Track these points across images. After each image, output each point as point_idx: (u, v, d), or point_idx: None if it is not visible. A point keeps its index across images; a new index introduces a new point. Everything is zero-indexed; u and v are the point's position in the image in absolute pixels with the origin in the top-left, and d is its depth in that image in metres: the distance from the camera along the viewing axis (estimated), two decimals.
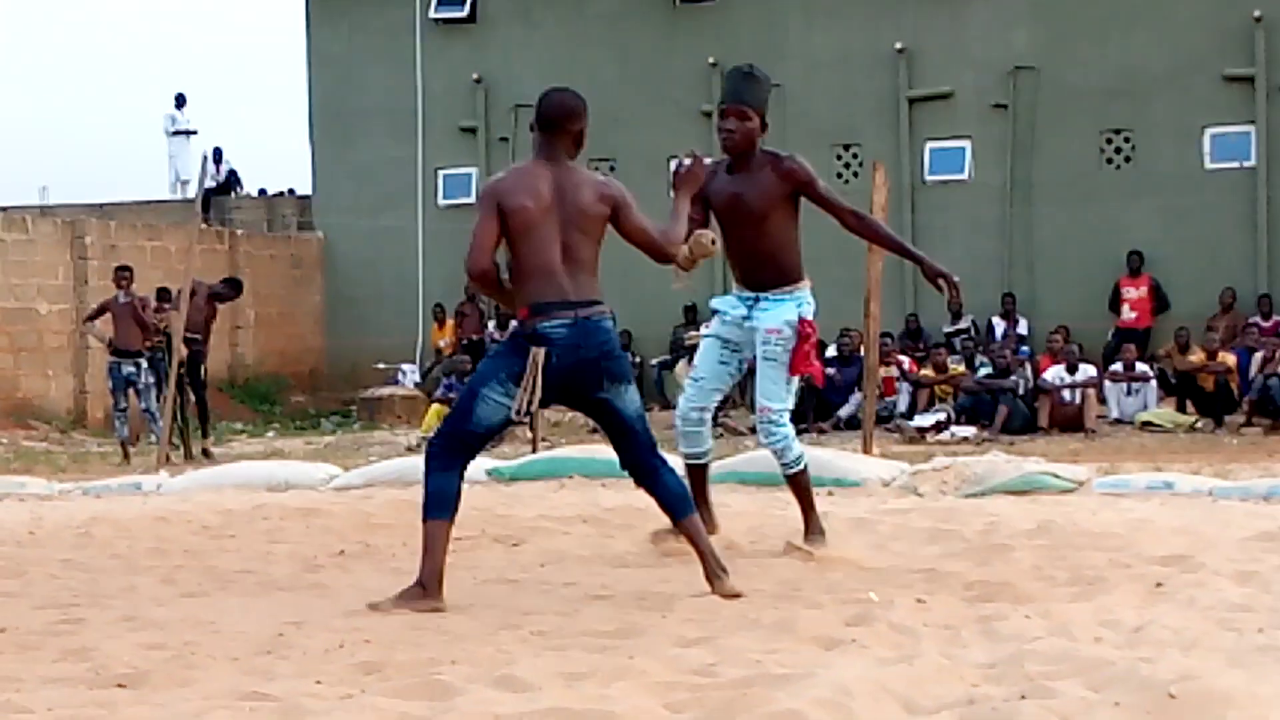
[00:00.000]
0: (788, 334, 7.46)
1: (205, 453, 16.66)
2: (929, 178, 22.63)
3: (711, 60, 23.28)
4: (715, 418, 19.50)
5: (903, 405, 19.09)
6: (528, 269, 6.39)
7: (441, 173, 25.07)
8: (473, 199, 24.69)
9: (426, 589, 6.20)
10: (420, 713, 4.26)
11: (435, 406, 18.74)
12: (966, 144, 22.53)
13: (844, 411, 18.94)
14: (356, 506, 9.82)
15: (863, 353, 15.39)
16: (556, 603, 6.26)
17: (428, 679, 4.68)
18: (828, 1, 23.10)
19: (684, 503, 6.51)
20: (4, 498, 11.64)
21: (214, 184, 26.88)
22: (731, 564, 7.21)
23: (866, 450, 12.75)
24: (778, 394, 7.56)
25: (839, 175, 22.80)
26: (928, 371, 19.39)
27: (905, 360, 19.78)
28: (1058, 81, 21.89)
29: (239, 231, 25.21)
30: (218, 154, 27.42)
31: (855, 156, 22.73)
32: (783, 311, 7.51)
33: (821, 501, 9.44)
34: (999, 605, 5.84)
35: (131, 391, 16.66)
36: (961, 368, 19.44)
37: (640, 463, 6.55)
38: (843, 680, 4.32)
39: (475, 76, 24.63)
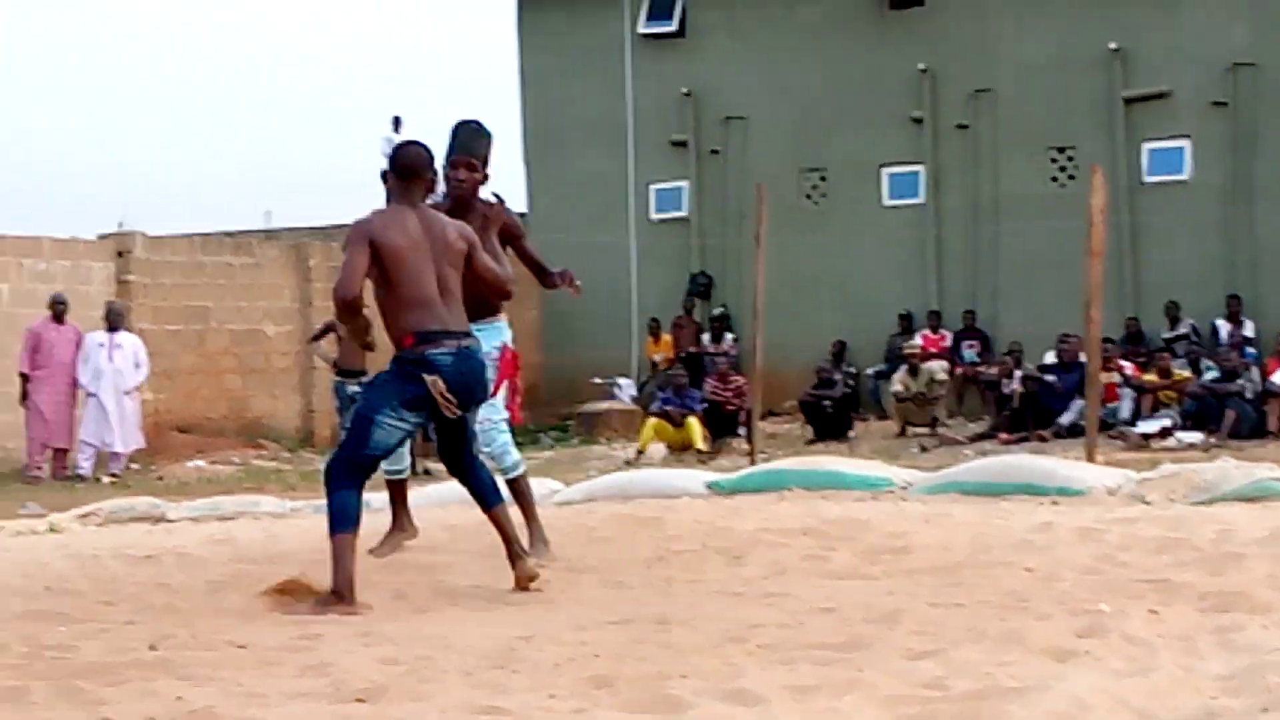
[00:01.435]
0: (494, 357, 8.07)
1: (426, 471, 16.91)
2: (1147, 179, 22.21)
3: (922, 66, 23.12)
4: (934, 427, 19.41)
5: (1125, 411, 18.73)
6: (406, 300, 6.95)
7: (653, 187, 25.21)
8: (685, 212, 24.87)
9: (343, 596, 6.76)
10: None
11: (652, 420, 18.84)
12: (1185, 143, 22.08)
13: (1065, 419, 18.64)
14: (579, 521, 9.89)
15: (1083, 358, 15.16)
16: (781, 615, 6.25)
17: (658, 692, 4.71)
18: (1039, 3, 22.80)
19: (495, 494, 7.32)
20: (240, 516, 11.94)
21: (432, 202, 27.29)
22: (955, 575, 7.18)
23: (1090, 458, 12.53)
24: (495, 408, 8.13)
25: (1054, 179, 22.50)
26: (1151, 376, 19.02)
27: (1127, 366, 19.42)
28: (1279, 77, 21.36)
29: None
30: (435, 174, 27.86)
31: (1070, 159, 22.39)
32: (489, 338, 7.97)
33: (1046, 511, 9.36)
34: (1235, 615, 5.72)
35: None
36: (1186, 372, 19.04)
37: (462, 458, 7.27)
38: (1077, 692, 4.26)
39: (685, 90, 24.73)
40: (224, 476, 17.73)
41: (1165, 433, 17.57)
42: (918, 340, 21.88)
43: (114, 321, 18.58)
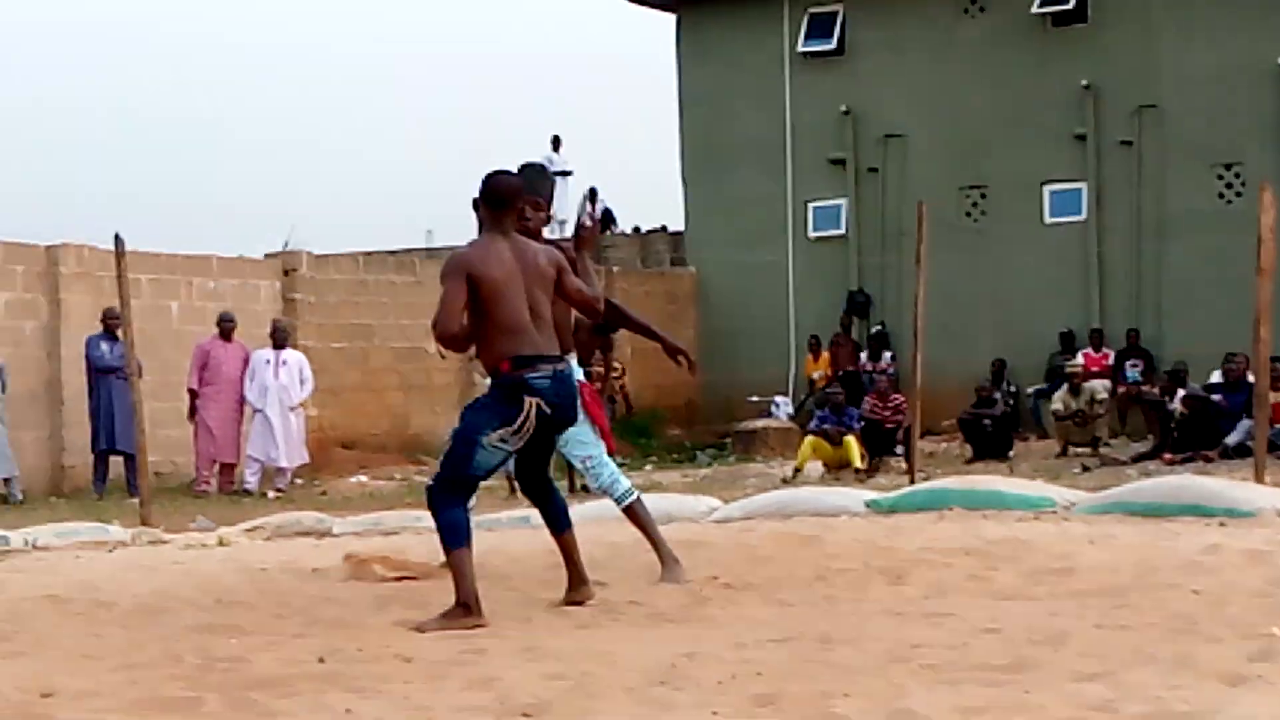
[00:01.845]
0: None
1: (584, 488, 16.94)
2: None
3: (1084, 83, 22.90)
4: (1096, 446, 19.13)
5: None
6: (502, 327, 7.16)
7: (811, 205, 25.19)
8: (843, 230, 24.80)
9: (469, 608, 6.95)
10: None
11: (810, 438, 18.77)
12: None
13: (1232, 439, 18.25)
14: (739, 539, 9.90)
15: (1251, 378, 14.87)
16: (944, 635, 6.21)
17: (823, 711, 4.71)
18: (1204, 18, 22.47)
19: (566, 519, 7.62)
20: (403, 531, 12.09)
21: (590, 223, 27.48)
22: (1122, 596, 7.10)
23: (1259, 479, 12.28)
24: (586, 445, 8.32)
25: (1220, 195, 22.15)
26: None
27: None
28: None
29: (614, 268, 25.72)
30: (593, 193, 28.00)
31: (1238, 176, 22.02)
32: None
33: (1213, 533, 9.20)
34: None
35: None
36: None
37: (542, 480, 7.65)
38: (1251, 717, 4.20)
39: (844, 108, 24.69)
40: (386, 492, 17.96)
41: None
42: (1080, 359, 21.62)
43: (280, 339, 18.90)
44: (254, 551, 11.05)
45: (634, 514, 8.34)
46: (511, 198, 7.35)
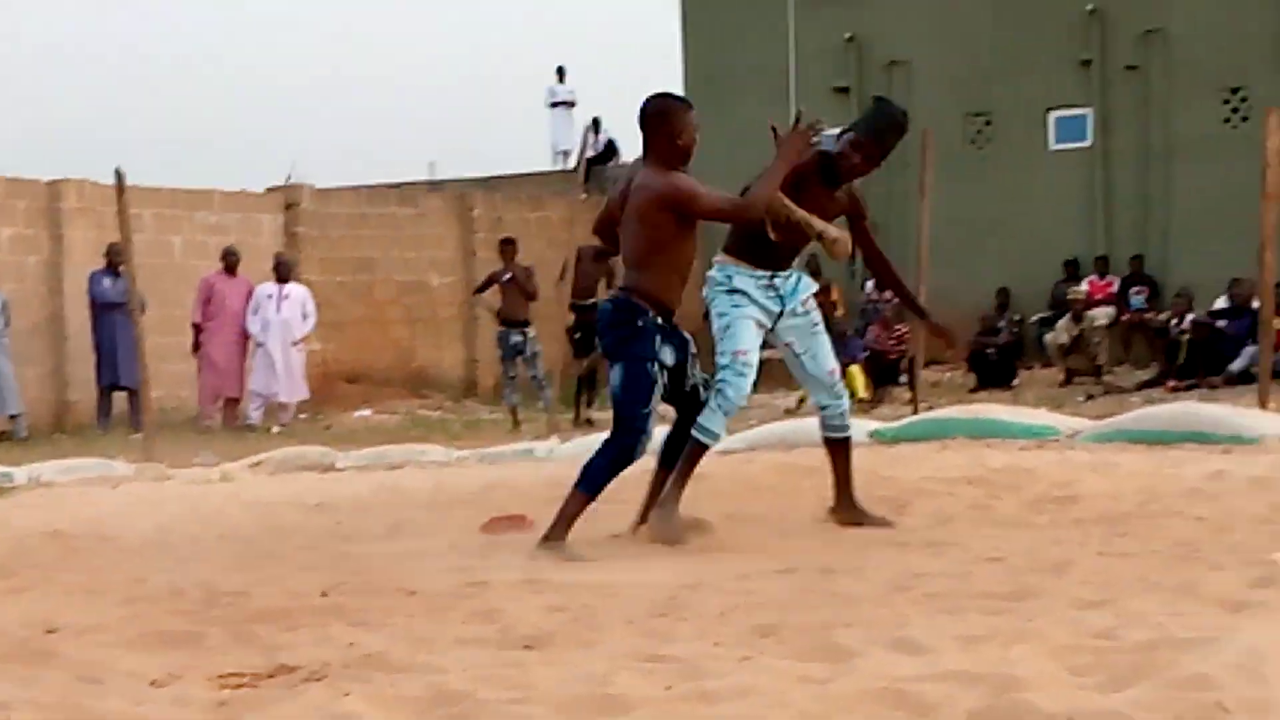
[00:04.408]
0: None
1: (589, 420, 16.98)
2: None
3: (1090, 7, 22.73)
4: (1099, 375, 19.11)
5: None
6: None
7: None
8: None
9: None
10: (820, 674, 4.28)
11: None
12: None
13: (1236, 365, 18.24)
14: (740, 470, 9.90)
15: (1255, 304, 14.83)
16: (947, 565, 6.21)
17: (824, 641, 4.70)
18: None
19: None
20: (407, 464, 12.11)
21: (594, 153, 27.40)
22: (1124, 524, 7.11)
23: (1263, 405, 12.27)
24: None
25: (1226, 120, 22.01)
26: None
27: None
28: None
29: None
30: (596, 124, 27.93)
31: (1245, 100, 21.87)
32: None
33: (1217, 459, 9.20)
34: None
35: (519, 360, 17.15)
36: None
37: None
38: (1254, 644, 4.18)
39: (848, 35, 24.53)
40: (390, 426, 17.98)
41: None
42: (1083, 286, 21.54)
43: (283, 273, 18.87)
44: (258, 486, 11.07)
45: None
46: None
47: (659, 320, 7.19)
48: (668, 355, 7.23)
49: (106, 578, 6.69)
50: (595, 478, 7.14)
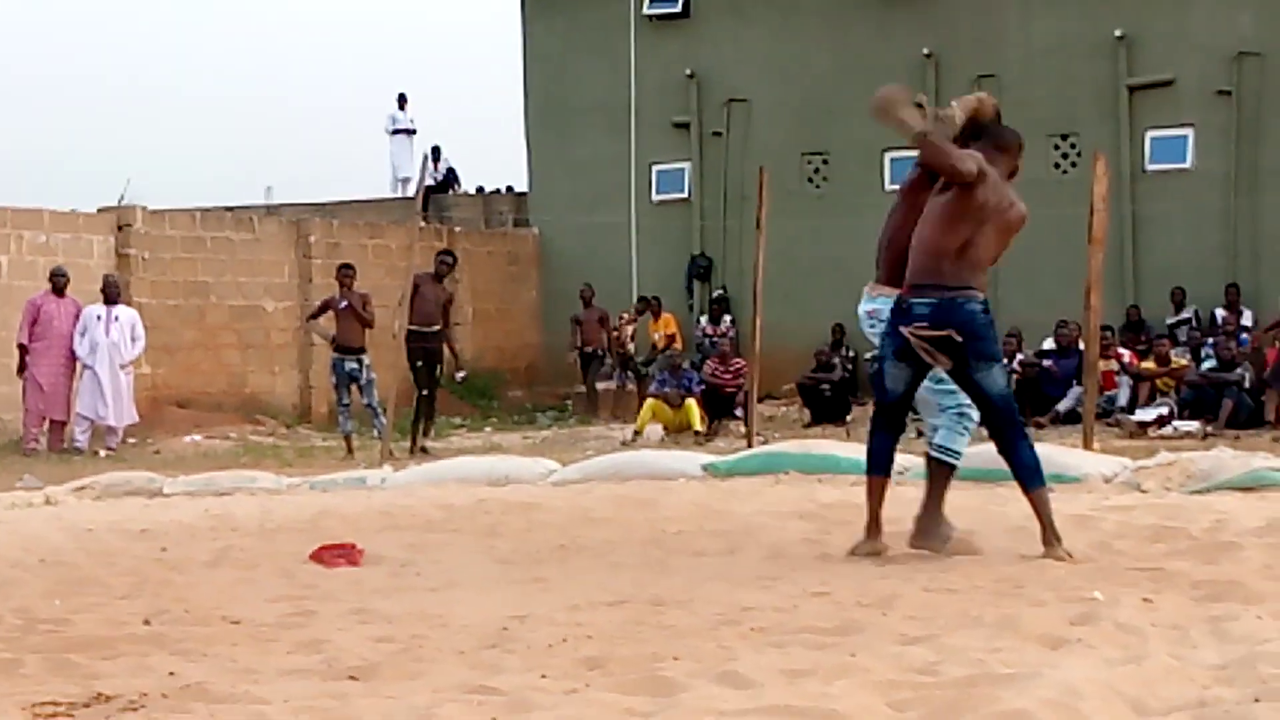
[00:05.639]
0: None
1: (424, 449, 16.87)
2: (1150, 166, 22.15)
3: (926, 51, 23.09)
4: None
5: (1123, 399, 18.70)
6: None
7: (655, 168, 25.17)
8: (686, 194, 24.82)
9: (868, 532, 7.42)
10: (645, 708, 4.29)
11: (650, 401, 18.84)
12: (1189, 132, 22.01)
13: (1062, 405, 18.63)
14: (575, 501, 9.91)
15: (1082, 345, 15.14)
16: (776, 599, 6.26)
17: (651, 674, 4.72)
18: None
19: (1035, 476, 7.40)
20: (236, 491, 11.94)
21: (433, 182, 27.29)
22: (950, 560, 7.20)
23: (1087, 445, 12.53)
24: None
25: (1056, 165, 22.47)
26: (1149, 364, 19.00)
27: (1125, 353, 19.39)
28: None
29: (457, 229, 25.54)
30: (436, 152, 27.84)
31: (1074, 146, 22.35)
32: None
33: None
34: (1229, 605, 5.72)
35: (354, 387, 17.01)
36: (1185, 360, 19.02)
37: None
38: (1070, 680, 4.26)
39: (688, 71, 24.70)
40: (221, 451, 17.73)
41: (1162, 421, 17.55)
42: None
43: (111, 294, 18.54)
44: (82, 511, 10.85)
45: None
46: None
47: None
48: None
49: None
50: (1037, 467, 7.42)
